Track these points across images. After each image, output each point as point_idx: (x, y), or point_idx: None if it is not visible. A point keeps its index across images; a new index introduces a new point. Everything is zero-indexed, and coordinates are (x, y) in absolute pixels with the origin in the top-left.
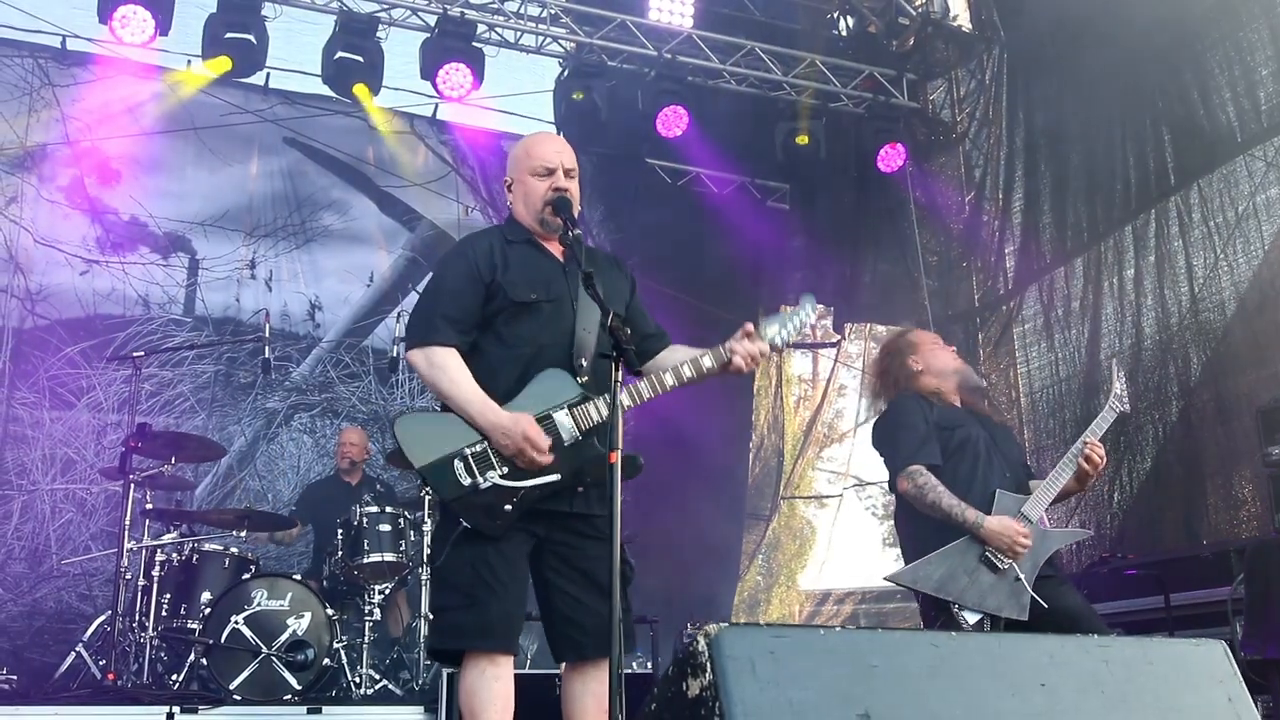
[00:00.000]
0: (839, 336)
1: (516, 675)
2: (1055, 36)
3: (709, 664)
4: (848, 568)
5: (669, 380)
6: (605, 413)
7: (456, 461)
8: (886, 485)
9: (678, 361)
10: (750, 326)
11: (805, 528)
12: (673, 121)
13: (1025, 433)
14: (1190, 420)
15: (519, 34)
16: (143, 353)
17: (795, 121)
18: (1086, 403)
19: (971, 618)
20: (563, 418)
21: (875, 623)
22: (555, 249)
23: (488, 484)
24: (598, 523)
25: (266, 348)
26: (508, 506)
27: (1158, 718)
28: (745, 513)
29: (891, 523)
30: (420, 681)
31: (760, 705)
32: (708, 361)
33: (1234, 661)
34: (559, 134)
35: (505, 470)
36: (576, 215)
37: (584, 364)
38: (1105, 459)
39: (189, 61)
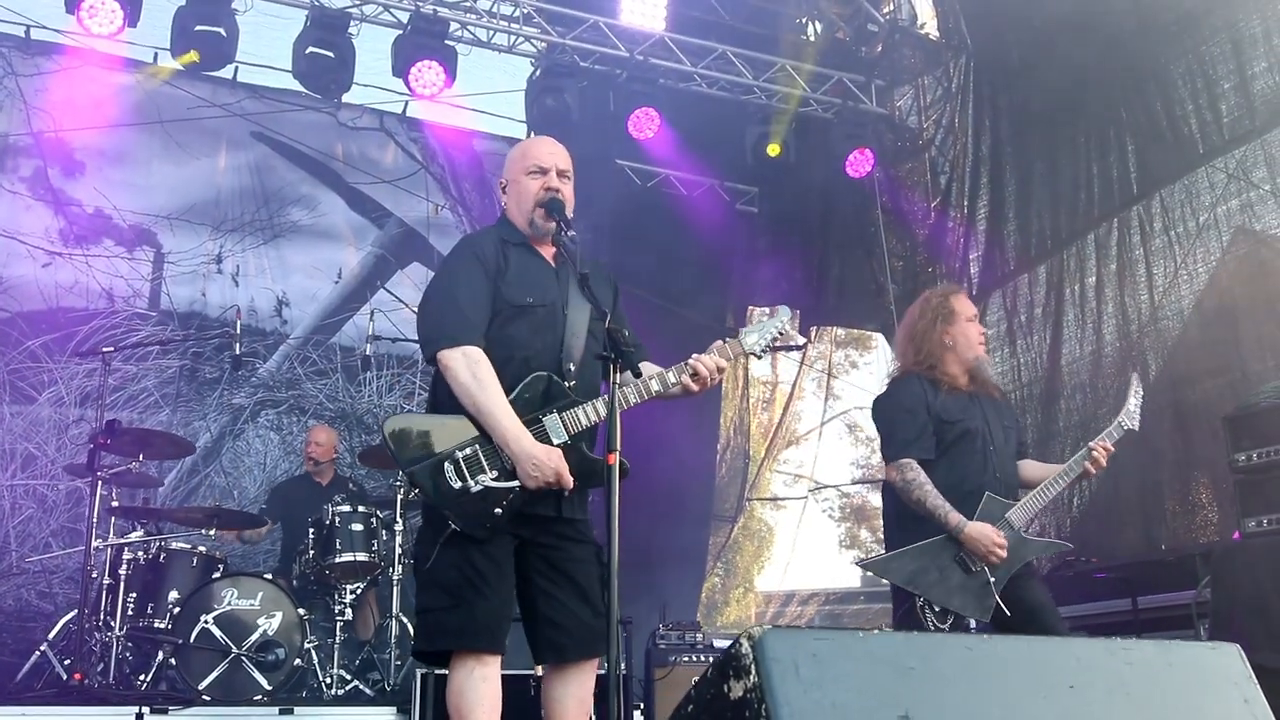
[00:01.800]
0: (805, 340)
1: None
2: (1021, 46)
3: (753, 666)
4: (809, 569)
5: (631, 397)
6: (593, 417)
7: (447, 464)
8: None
9: (647, 376)
10: (720, 341)
11: (763, 529)
12: (644, 123)
13: None
14: (1149, 427)
15: (491, 33)
16: (112, 348)
17: (766, 125)
18: (1048, 408)
19: (938, 616)
20: (552, 422)
21: (834, 624)
22: (547, 253)
23: (478, 487)
24: (579, 525)
25: (237, 344)
26: (498, 510)
27: (1179, 719)
28: (711, 514)
29: (849, 525)
30: (391, 682)
31: (805, 707)
32: (672, 376)
33: (1248, 664)
34: (530, 134)
35: (496, 474)
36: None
37: (572, 369)
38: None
39: (156, 54)
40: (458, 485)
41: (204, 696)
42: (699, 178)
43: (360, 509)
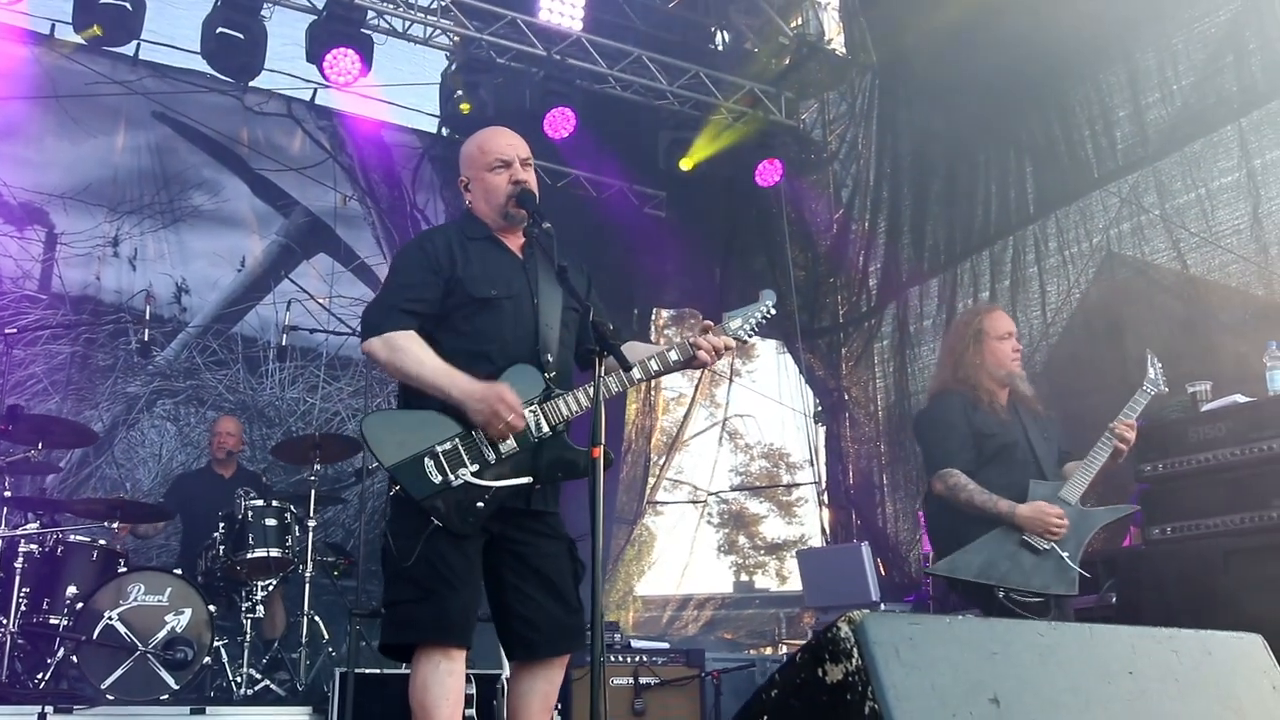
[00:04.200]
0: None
1: None
2: (925, 66)
3: (855, 649)
4: (690, 574)
5: (636, 375)
6: (574, 407)
7: (427, 459)
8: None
9: (643, 356)
10: (710, 322)
11: (644, 535)
12: (560, 123)
13: (881, 445)
14: None
15: (408, 23)
16: (15, 330)
17: (678, 131)
18: None
19: (1024, 600)
20: (532, 413)
21: (737, 628)
22: (514, 245)
23: (459, 481)
24: (550, 519)
25: (146, 331)
26: (480, 504)
27: (1220, 705)
28: (615, 516)
29: (727, 530)
30: (302, 682)
31: (908, 688)
32: (674, 355)
33: (1270, 654)
34: (442, 129)
35: (477, 467)
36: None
37: (550, 359)
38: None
39: (53, 26)
40: (438, 480)
41: (108, 696)
42: (610, 179)
43: (274, 504)
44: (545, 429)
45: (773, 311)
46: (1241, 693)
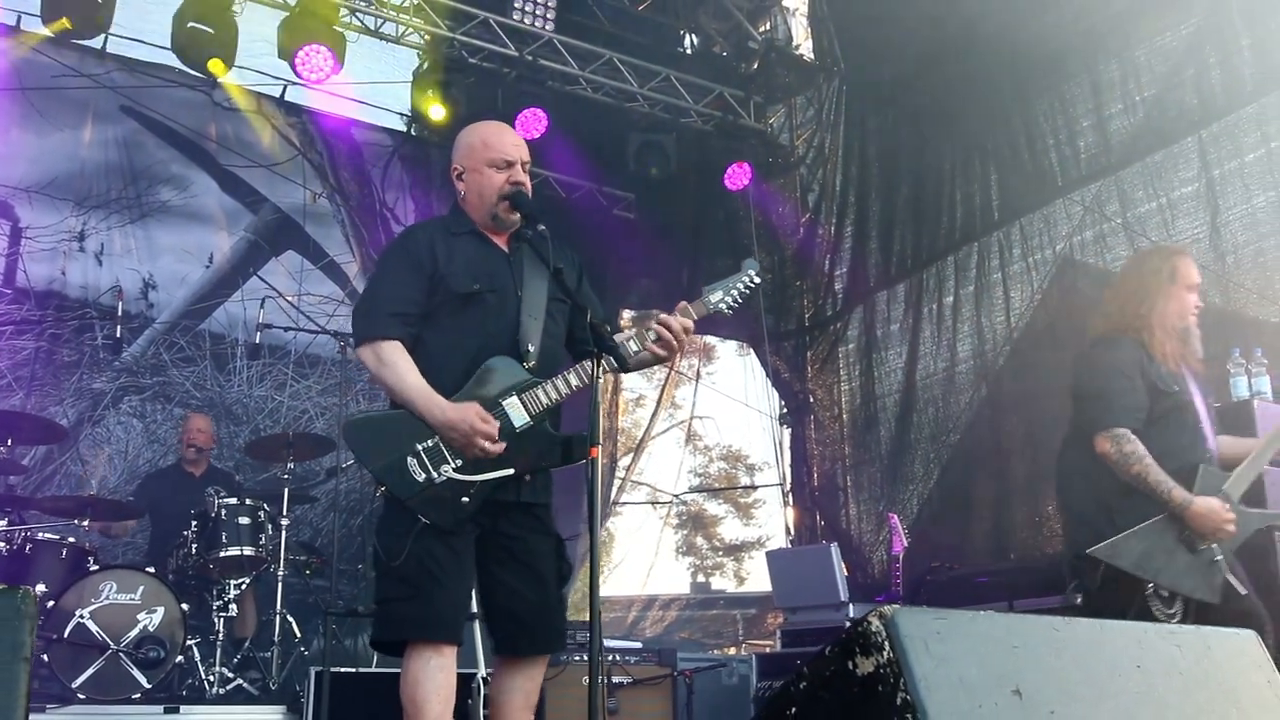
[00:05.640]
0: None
1: None
2: (893, 72)
3: (887, 643)
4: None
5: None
6: (554, 396)
7: (410, 459)
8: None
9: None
10: (685, 303)
11: (604, 535)
12: (532, 124)
13: (845, 448)
14: (1000, 442)
15: (380, 21)
16: None
17: (648, 133)
18: (903, 419)
19: (1165, 603)
20: (512, 404)
21: (696, 629)
22: (499, 239)
23: (442, 478)
24: (539, 513)
25: (119, 327)
26: (465, 499)
27: (1222, 698)
28: (581, 518)
29: (685, 533)
30: (274, 681)
31: (937, 681)
32: (634, 345)
33: (1265, 649)
34: (412, 129)
35: (459, 463)
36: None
37: (530, 350)
38: None
39: (19, 17)
40: (422, 478)
41: (79, 695)
42: (579, 180)
43: (247, 502)
44: (526, 419)
45: (756, 281)
46: (1240, 686)
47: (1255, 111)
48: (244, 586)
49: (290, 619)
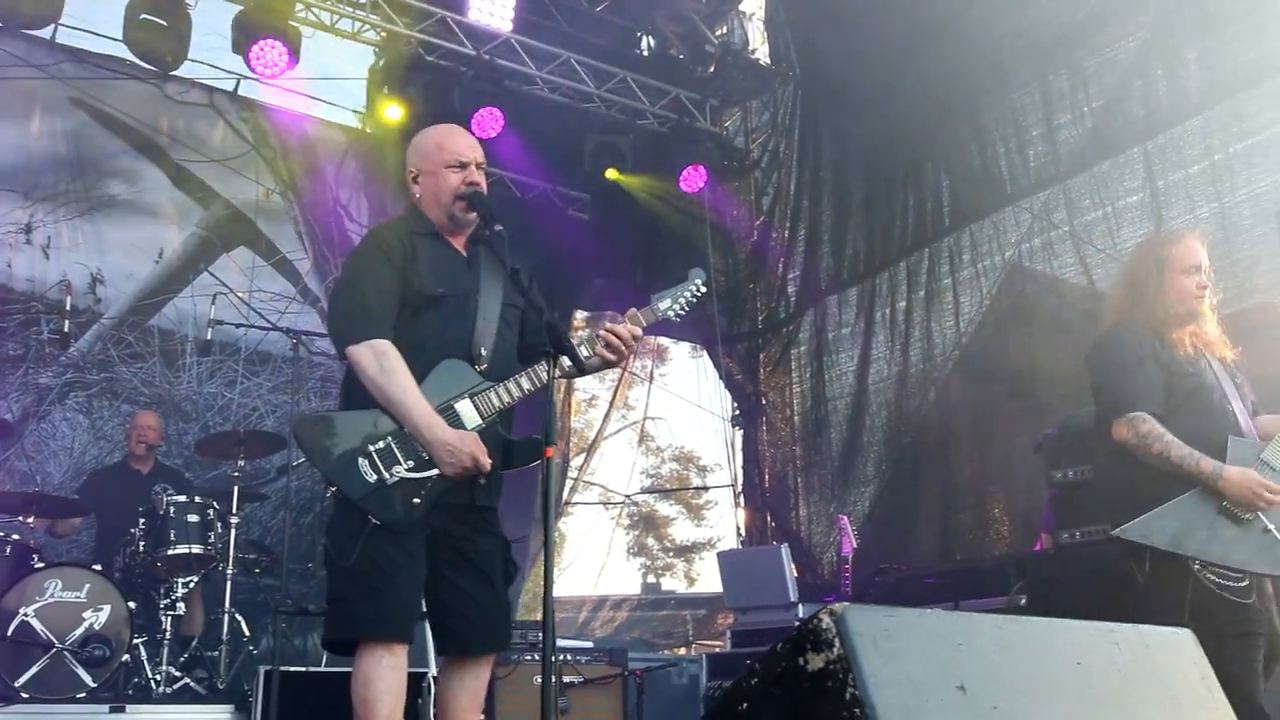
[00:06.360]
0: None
1: None
2: (847, 78)
3: (837, 640)
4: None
5: (534, 379)
6: (506, 399)
7: (361, 459)
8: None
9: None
10: (634, 310)
11: (556, 535)
12: (488, 123)
13: (797, 449)
14: (948, 445)
15: (336, 18)
16: None
17: (604, 135)
18: (854, 422)
19: (1219, 575)
20: (464, 406)
21: (647, 629)
22: (458, 242)
23: (394, 479)
24: (489, 516)
25: (67, 321)
26: (416, 499)
27: (1159, 694)
28: (533, 517)
29: (637, 533)
30: (222, 680)
31: (886, 677)
32: (584, 351)
33: (1199, 647)
34: (366, 126)
35: (412, 463)
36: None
37: (484, 353)
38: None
39: None
40: (373, 479)
41: (22, 694)
42: (534, 181)
43: (196, 500)
44: (478, 421)
45: (703, 290)
46: (1176, 682)
47: (1200, 124)
48: (192, 585)
49: (239, 618)
